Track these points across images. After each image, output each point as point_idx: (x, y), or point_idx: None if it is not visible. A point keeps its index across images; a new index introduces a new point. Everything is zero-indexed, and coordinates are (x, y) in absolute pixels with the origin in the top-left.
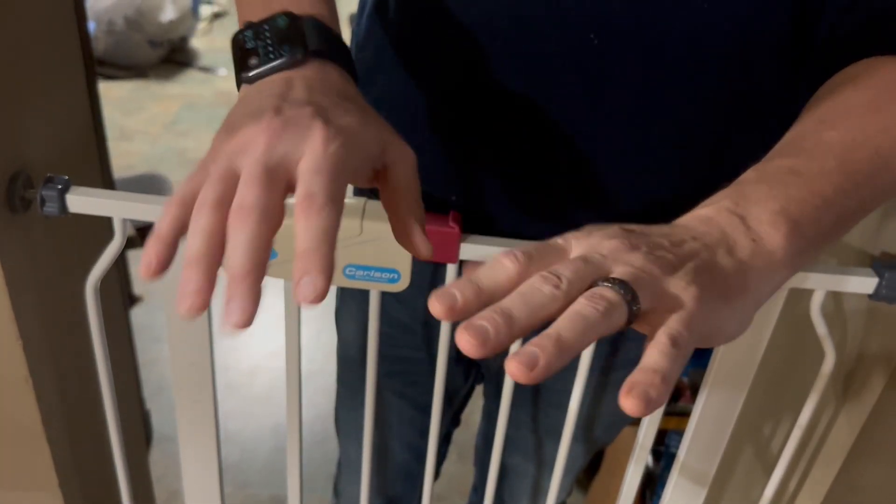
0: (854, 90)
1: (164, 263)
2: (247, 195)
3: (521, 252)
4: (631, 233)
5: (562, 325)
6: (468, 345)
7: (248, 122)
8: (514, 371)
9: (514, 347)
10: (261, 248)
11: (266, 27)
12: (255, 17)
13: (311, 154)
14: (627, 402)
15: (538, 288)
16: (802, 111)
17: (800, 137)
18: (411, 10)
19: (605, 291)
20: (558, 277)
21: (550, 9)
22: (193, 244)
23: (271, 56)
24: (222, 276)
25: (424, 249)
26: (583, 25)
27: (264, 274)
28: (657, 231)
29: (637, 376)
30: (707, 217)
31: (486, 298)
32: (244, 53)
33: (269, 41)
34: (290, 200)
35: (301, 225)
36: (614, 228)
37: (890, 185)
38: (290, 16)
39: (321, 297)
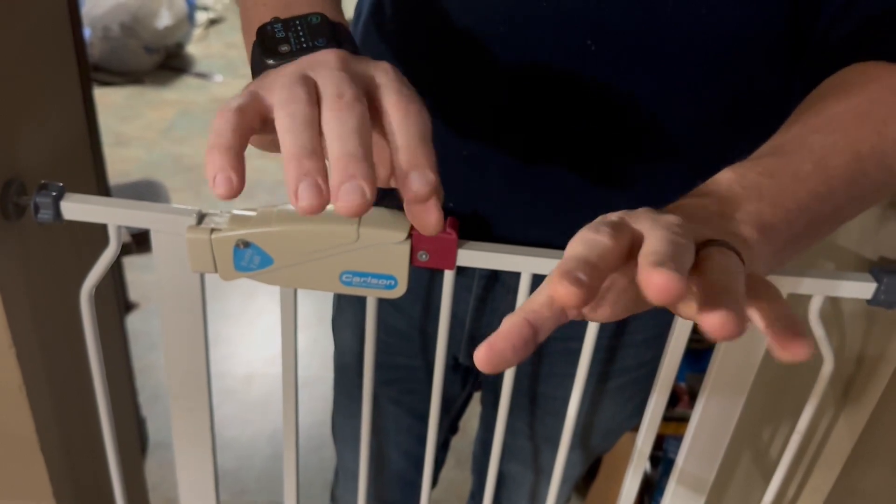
0: (842, 96)
1: (243, 176)
2: (345, 89)
3: (609, 226)
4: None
5: (731, 283)
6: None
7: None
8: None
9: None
10: (369, 137)
11: (298, 22)
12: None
13: (385, 75)
14: (798, 349)
15: (681, 245)
16: (791, 115)
17: (782, 141)
18: (407, 16)
19: (724, 251)
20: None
21: (547, 15)
22: (301, 138)
23: (304, 45)
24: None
25: (435, 221)
26: (580, 31)
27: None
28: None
29: (794, 326)
30: (689, 212)
31: (602, 273)
32: (275, 41)
33: (301, 33)
34: (285, 207)
35: (401, 119)
36: (645, 209)
37: (869, 191)
38: (322, 16)
39: (433, 190)
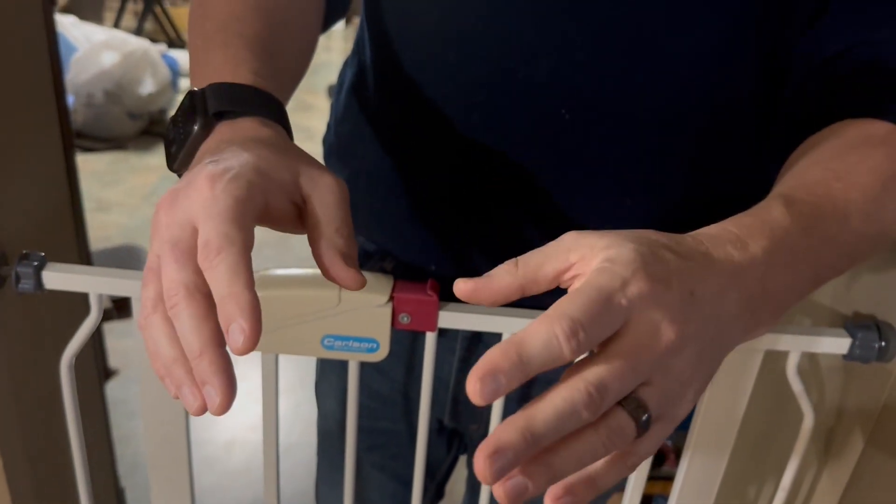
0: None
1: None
2: (165, 280)
3: (576, 328)
4: (661, 265)
5: (564, 460)
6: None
7: None
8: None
9: (495, 418)
10: (202, 326)
11: (177, 113)
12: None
13: (199, 203)
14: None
15: (578, 412)
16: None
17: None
18: (389, 85)
19: (625, 423)
20: (601, 399)
21: (523, 85)
22: (158, 351)
23: (182, 137)
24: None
25: (350, 280)
26: (554, 100)
27: (223, 345)
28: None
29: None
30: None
31: (531, 376)
32: (168, 144)
33: (180, 126)
34: (266, 272)
35: (207, 277)
36: (643, 252)
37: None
38: (191, 92)
39: (252, 340)
